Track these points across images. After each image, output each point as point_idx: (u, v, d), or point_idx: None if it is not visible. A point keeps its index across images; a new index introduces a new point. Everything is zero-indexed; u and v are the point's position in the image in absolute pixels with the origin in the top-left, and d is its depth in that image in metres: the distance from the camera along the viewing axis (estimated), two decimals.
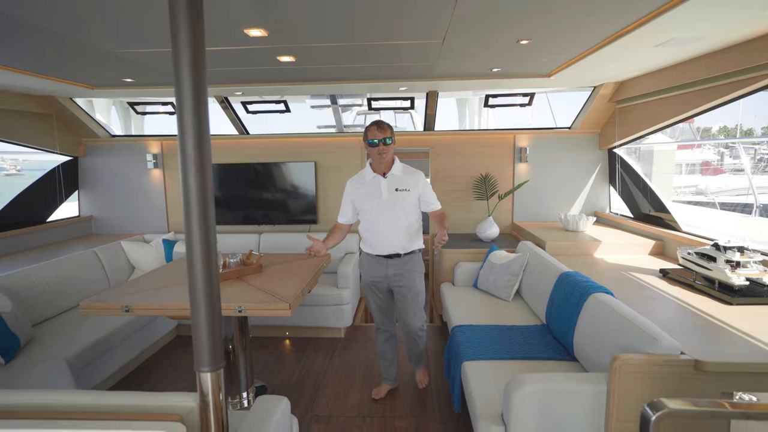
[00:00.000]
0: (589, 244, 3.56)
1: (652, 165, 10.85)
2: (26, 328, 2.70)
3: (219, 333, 1.07)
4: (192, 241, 1.01)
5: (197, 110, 0.99)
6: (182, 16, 0.96)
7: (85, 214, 4.79)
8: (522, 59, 3.01)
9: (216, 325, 1.06)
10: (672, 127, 13.15)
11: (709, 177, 13.91)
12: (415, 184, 2.64)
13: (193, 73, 0.98)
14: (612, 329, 2.04)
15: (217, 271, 1.06)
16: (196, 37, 0.98)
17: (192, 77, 0.97)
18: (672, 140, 12.31)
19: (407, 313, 2.74)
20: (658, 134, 13.32)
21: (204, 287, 1.03)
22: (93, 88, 3.75)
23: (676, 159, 13.02)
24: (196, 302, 1.03)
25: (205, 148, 1.00)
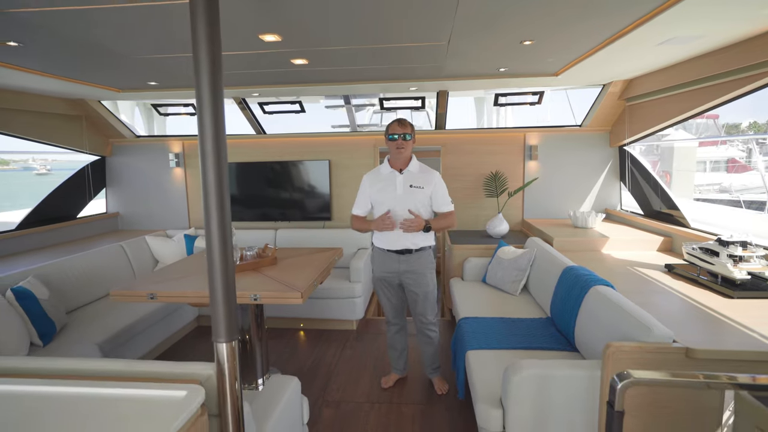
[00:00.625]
0: (597, 240, 3.60)
1: (672, 162, 10.67)
2: (61, 315, 2.91)
3: (234, 309, 1.21)
4: (210, 226, 1.15)
5: (215, 111, 1.12)
6: (201, 28, 1.10)
7: (112, 211, 5.04)
8: (527, 59, 3.09)
9: (231, 302, 1.20)
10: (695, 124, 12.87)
11: (736, 174, 13.53)
12: (430, 183, 2.72)
13: (211, 78, 1.11)
14: (609, 320, 2.11)
15: (231, 253, 1.20)
16: (214, 47, 1.11)
17: (210, 82, 1.11)
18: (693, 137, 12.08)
19: (418, 308, 2.83)
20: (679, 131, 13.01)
21: (221, 267, 1.17)
22: (120, 90, 3.97)
23: (698, 156, 12.75)
24: (214, 281, 1.17)
25: (222, 143, 1.14)
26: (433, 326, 2.90)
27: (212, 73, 1.11)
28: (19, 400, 1.07)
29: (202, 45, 1.09)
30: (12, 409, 1.04)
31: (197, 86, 1.11)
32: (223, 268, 1.17)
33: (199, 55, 1.10)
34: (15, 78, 3.24)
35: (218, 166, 1.14)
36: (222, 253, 1.16)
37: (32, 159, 26.27)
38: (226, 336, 1.19)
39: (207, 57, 1.10)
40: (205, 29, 1.09)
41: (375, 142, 4.77)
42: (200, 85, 1.11)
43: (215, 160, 1.13)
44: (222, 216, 1.15)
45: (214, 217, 1.14)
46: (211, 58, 1.11)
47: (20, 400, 1.07)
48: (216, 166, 1.13)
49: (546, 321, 2.88)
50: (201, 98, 1.11)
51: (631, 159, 4.31)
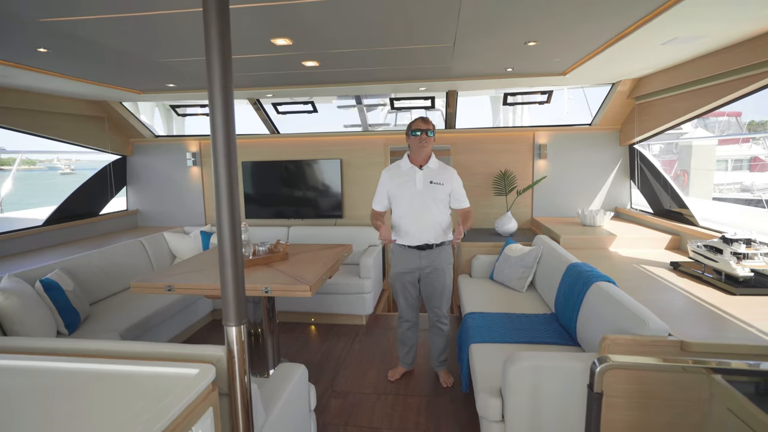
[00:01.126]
0: (605, 238, 3.63)
1: (691, 161, 10.48)
2: (85, 306, 3.07)
3: (242, 296, 1.31)
4: (221, 220, 1.25)
5: (226, 112, 1.22)
6: (214, 34, 1.20)
7: (132, 208, 5.24)
8: (533, 59, 3.13)
9: (240, 290, 1.30)
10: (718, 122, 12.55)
11: (759, 173, 13.17)
12: (449, 180, 2.81)
13: (222, 81, 1.21)
14: (608, 314, 2.16)
15: (241, 245, 1.30)
16: (225, 52, 1.21)
17: (221, 85, 1.21)
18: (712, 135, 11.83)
19: (434, 301, 2.90)
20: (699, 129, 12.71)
21: (231, 258, 1.27)
22: (140, 92, 4.13)
23: (718, 155, 12.48)
24: (225, 270, 1.27)
25: (232, 142, 1.24)
26: (446, 319, 2.99)
27: (223, 76, 1.21)
28: (44, 375, 1.19)
29: (214, 50, 1.19)
30: (38, 383, 1.16)
31: (210, 89, 1.21)
32: (233, 259, 1.27)
33: (212, 59, 1.20)
34: (43, 81, 3.42)
35: (229, 163, 1.24)
36: (232, 244, 1.26)
37: (57, 159, 27.11)
38: (235, 320, 1.29)
39: (219, 61, 1.20)
40: (217, 35, 1.19)
41: (385, 141, 4.86)
42: (212, 87, 1.21)
43: (226, 157, 1.23)
44: (232, 210, 1.25)
45: (225, 211, 1.24)
46: (223, 63, 1.20)
47: (45, 375, 1.19)
48: (227, 163, 1.23)
49: (550, 317, 2.93)
50: (213, 100, 1.21)
51: (641, 157, 4.30)
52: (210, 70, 1.20)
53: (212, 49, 1.19)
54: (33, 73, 3.15)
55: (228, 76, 1.23)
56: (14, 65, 2.94)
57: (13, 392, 1.12)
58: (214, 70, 1.20)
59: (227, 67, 1.22)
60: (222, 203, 1.24)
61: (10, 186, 5.04)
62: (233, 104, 1.25)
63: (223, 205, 1.24)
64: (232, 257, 1.27)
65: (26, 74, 3.16)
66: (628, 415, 1.84)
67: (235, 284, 1.28)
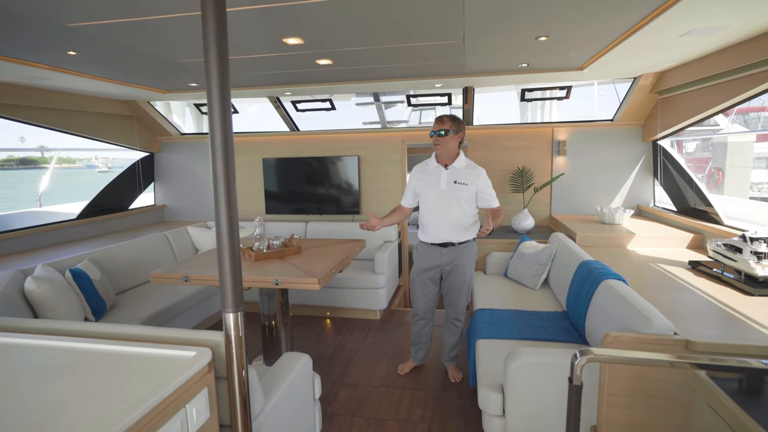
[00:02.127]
0: (623, 236, 3.55)
1: (726, 158, 10.02)
2: (111, 295, 3.25)
3: (239, 284, 1.38)
4: (219, 212, 1.32)
5: (223, 110, 1.29)
6: (211, 37, 1.26)
7: (159, 204, 5.46)
8: (547, 55, 3.09)
9: (237, 278, 1.37)
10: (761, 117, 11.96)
11: None
12: (474, 180, 2.77)
13: (219, 81, 1.27)
14: (615, 312, 2.13)
15: (237, 235, 1.36)
16: (222, 54, 1.27)
17: (219, 85, 1.27)
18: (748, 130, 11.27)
19: (453, 298, 2.92)
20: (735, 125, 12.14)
21: (228, 248, 1.34)
22: (165, 92, 4.31)
23: (756, 151, 11.86)
24: (222, 258, 1.34)
25: (229, 138, 1.31)
26: (462, 316, 3.00)
27: (221, 77, 1.28)
28: (49, 352, 1.30)
29: (211, 52, 1.26)
30: (45, 361, 1.26)
31: (208, 88, 1.28)
32: (230, 248, 1.34)
33: (210, 60, 1.26)
34: (77, 83, 3.62)
35: (226, 159, 1.30)
36: (229, 235, 1.33)
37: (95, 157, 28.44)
38: (232, 307, 1.36)
39: (216, 62, 1.26)
40: (214, 37, 1.26)
41: (403, 138, 4.88)
42: (210, 88, 1.28)
43: (223, 153, 1.30)
44: (229, 203, 1.32)
45: (222, 205, 1.31)
46: (220, 63, 1.27)
47: (49, 353, 1.29)
48: (224, 159, 1.30)
49: (561, 314, 2.90)
50: (211, 99, 1.28)
51: (664, 153, 4.17)
52: (208, 71, 1.27)
53: (210, 51, 1.26)
54: (67, 75, 3.34)
55: (225, 76, 1.29)
56: (49, 68, 3.12)
57: (22, 368, 1.23)
58: (211, 70, 1.27)
59: (224, 67, 1.29)
60: (220, 197, 1.31)
61: (48, 182, 5.35)
62: (230, 103, 1.32)
63: (221, 199, 1.31)
64: (229, 247, 1.33)
65: (61, 76, 3.35)
66: (629, 413, 1.82)
67: (232, 273, 1.34)
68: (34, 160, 34.22)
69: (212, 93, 1.27)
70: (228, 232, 1.33)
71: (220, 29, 1.26)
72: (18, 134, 16.13)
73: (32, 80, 3.50)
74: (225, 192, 1.31)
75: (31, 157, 34.11)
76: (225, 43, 1.28)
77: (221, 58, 1.27)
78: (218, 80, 1.27)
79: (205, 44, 1.26)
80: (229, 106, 1.31)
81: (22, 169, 35.73)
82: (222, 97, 1.29)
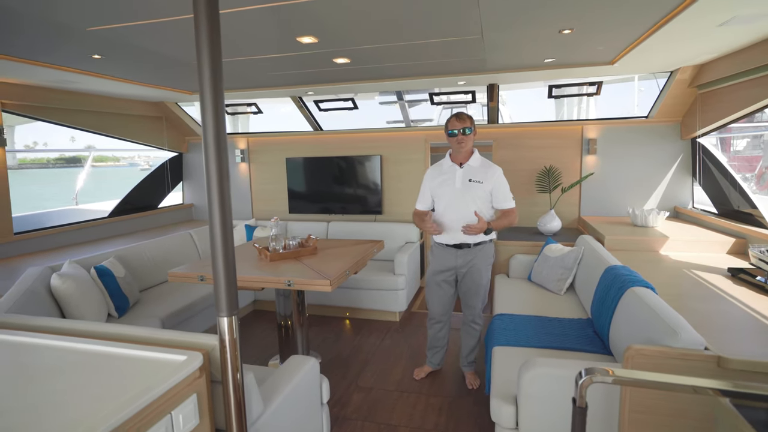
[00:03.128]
0: (655, 239, 3.34)
1: None
2: (135, 292, 3.33)
3: (233, 287, 1.35)
4: (213, 211, 1.29)
5: (215, 112, 1.27)
6: (203, 40, 1.24)
7: (187, 202, 5.60)
8: (574, 49, 2.94)
9: (231, 279, 1.34)
10: None
11: None
12: (490, 178, 2.70)
13: (212, 83, 1.25)
14: (641, 322, 1.99)
15: (231, 236, 1.34)
16: (214, 56, 1.25)
17: (211, 86, 1.25)
18: None
19: (470, 300, 2.84)
20: None
21: (222, 250, 1.31)
22: (191, 93, 4.40)
23: None
24: (216, 262, 1.32)
25: (222, 138, 1.28)
26: (480, 319, 2.92)
27: (213, 77, 1.25)
28: (47, 351, 1.31)
29: (204, 51, 1.24)
30: (37, 359, 1.27)
31: (201, 88, 1.26)
32: (224, 250, 1.31)
33: (202, 60, 1.24)
34: (105, 85, 3.74)
35: (219, 160, 1.28)
36: (223, 237, 1.31)
37: (137, 156, 29.75)
38: (227, 311, 1.34)
39: (208, 62, 1.24)
40: (207, 39, 1.23)
41: (426, 137, 4.80)
42: (203, 87, 1.25)
43: (216, 153, 1.28)
44: (223, 203, 1.30)
45: (215, 204, 1.29)
46: (212, 63, 1.25)
47: (49, 352, 1.30)
48: (217, 159, 1.28)
49: (585, 322, 2.75)
50: (204, 100, 1.26)
51: (704, 152, 3.91)
52: (200, 71, 1.25)
53: (202, 51, 1.24)
54: (96, 79, 3.45)
55: (217, 76, 1.27)
56: (78, 71, 3.24)
57: (11, 366, 1.24)
58: (204, 71, 1.25)
59: (216, 67, 1.26)
60: (213, 198, 1.29)
61: (83, 181, 5.58)
62: (222, 103, 1.30)
63: (214, 201, 1.29)
64: (223, 248, 1.31)
65: (90, 79, 3.47)
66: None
67: (226, 275, 1.32)
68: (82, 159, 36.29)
69: (205, 93, 1.25)
70: (221, 234, 1.30)
71: (212, 30, 1.24)
72: (69, 135, 17.53)
73: (64, 84, 3.64)
74: (218, 193, 1.29)
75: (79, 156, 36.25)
76: (217, 43, 1.26)
77: (213, 57, 1.25)
78: (210, 80, 1.25)
79: (198, 45, 1.24)
80: (221, 106, 1.29)
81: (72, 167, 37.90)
82: (214, 97, 1.26)
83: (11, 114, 3.69)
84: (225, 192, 1.30)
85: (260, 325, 4.07)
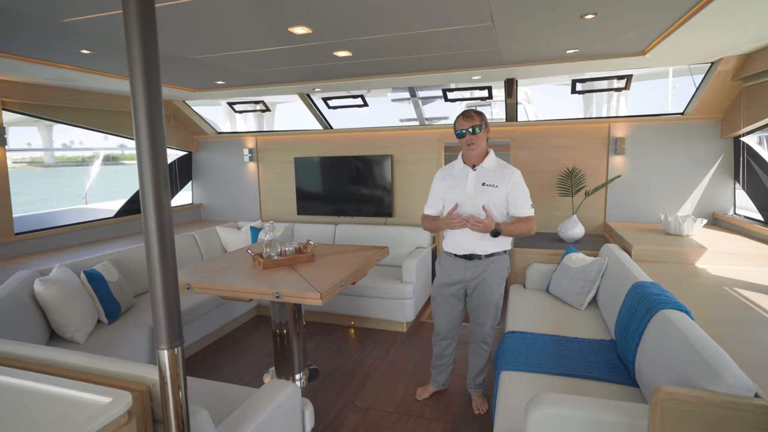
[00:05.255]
0: (691, 250, 2.98)
1: None
2: (128, 297, 3.21)
3: (176, 314, 1.15)
4: (148, 224, 1.09)
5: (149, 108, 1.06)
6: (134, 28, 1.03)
7: (196, 202, 5.50)
8: (599, 37, 2.63)
9: (172, 304, 1.14)
10: None
11: None
12: (505, 182, 2.41)
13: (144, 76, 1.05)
14: (673, 354, 1.69)
15: (173, 253, 1.13)
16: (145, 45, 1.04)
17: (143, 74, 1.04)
18: None
19: (479, 318, 2.57)
20: None
21: (160, 269, 1.11)
22: (196, 90, 4.26)
23: None
24: (153, 281, 1.11)
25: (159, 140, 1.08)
26: (490, 339, 2.64)
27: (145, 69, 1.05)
28: None
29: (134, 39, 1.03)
30: None
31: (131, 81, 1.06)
32: (163, 270, 1.11)
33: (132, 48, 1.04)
34: (108, 83, 3.64)
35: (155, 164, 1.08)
36: (161, 255, 1.10)
37: None
38: (167, 343, 1.13)
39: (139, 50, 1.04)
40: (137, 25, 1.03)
41: (440, 135, 4.54)
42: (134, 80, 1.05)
43: (152, 157, 1.07)
44: (160, 214, 1.10)
45: (151, 215, 1.09)
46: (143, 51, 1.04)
47: None
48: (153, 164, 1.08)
49: (607, 344, 2.44)
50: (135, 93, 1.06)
51: (749, 152, 3.51)
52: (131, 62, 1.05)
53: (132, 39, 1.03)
54: (93, 76, 3.34)
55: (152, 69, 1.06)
56: (71, 68, 3.12)
57: None
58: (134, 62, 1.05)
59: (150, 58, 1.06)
60: (148, 210, 1.09)
61: (92, 181, 5.55)
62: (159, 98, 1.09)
63: (150, 213, 1.09)
64: (161, 268, 1.11)
65: (88, 77, 3.36)
66: None
67: (165, 300, 1.11)
68: (116, 156, 37.54)
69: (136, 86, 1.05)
70: (159, 253, 1.10)
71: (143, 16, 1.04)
72: (102, 134, 18.54)
73: (66, 82, 3.55)
74: (154, 204, 1.08)
75: (112, 154, 37.46)
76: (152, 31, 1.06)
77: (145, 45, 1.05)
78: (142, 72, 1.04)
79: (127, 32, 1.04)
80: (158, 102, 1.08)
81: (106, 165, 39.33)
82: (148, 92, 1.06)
83: (14, 113, 3.63)
84: (163, 203, 1.09)
85: (261, 332, 3.90)
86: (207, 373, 3.19)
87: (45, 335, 2.63)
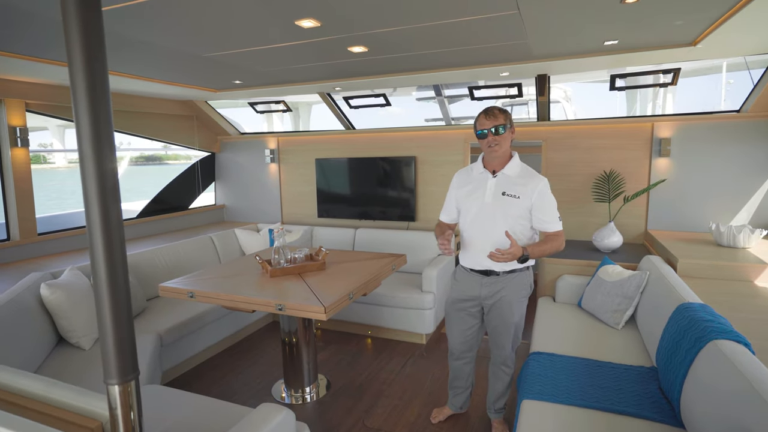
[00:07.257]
0: (748, 266, 2.63)
1: None
2: (140, 301, 3.16)
3: (129, 344, 0.99)
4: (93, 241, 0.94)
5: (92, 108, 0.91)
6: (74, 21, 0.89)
7: (219, 203, 5.48)
8: (643, 26, 2.34)
9: (124, 331, 0.98)
10: None
11: None
12: (529, 193, 2.11)
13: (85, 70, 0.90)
14: (729, 396, 1.42)
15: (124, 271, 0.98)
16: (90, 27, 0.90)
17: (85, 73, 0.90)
18: None
19: (499, 339, 2.31)
20: None
21: (108, 289, 0.96)
22: (216, 90, 4.21)
23: None
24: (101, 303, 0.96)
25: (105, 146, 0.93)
26: (511, 362, 2.38)
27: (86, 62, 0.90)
28: None
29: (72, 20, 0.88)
30: None
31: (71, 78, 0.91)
32: (112, 293, 0.96)
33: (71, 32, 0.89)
34: (130, 84, 3.62)
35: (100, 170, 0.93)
36: (109, 276, 0.95)
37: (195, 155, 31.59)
38: (118, 377, 0.98)
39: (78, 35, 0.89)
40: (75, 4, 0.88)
41: (465, 136, 4.30)
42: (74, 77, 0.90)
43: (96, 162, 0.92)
44: (107, 229, 0.94)
45: (97, 231, 0.94)
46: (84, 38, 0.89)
47: None
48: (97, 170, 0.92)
49: (648, 372, 2.15)
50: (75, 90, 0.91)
51: None
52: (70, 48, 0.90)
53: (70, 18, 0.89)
54: (113, 77, 3.32)
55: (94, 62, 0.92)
56: None
57: None
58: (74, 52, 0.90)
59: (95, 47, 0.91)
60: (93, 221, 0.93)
61: None
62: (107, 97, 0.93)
63: (95, 224, 0.93)
64: (109, 295, 0.95)
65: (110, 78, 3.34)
66: None
67: (115, 329, 0.96)
68: (159, 157, 39.08)
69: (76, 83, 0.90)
70: (107, 273, 0.95)
71: None
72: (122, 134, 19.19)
73: None
74: (101, 217, 0.93)
75: (156, 155, 39.03)
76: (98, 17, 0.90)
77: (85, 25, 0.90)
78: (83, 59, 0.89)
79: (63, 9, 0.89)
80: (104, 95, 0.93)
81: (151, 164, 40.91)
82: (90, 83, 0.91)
83: (37, 114, 3.67)
84: (111, 218, 0.94)
85: (274, 339, 3.78)
86: (218, 380, 3.09)
87: (53, 340, 2.60)
